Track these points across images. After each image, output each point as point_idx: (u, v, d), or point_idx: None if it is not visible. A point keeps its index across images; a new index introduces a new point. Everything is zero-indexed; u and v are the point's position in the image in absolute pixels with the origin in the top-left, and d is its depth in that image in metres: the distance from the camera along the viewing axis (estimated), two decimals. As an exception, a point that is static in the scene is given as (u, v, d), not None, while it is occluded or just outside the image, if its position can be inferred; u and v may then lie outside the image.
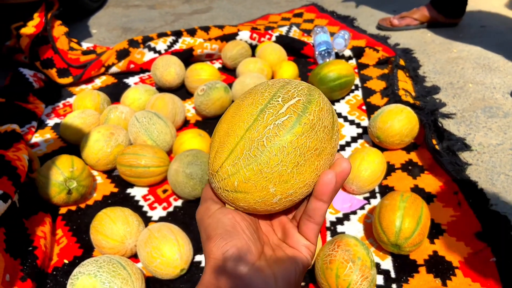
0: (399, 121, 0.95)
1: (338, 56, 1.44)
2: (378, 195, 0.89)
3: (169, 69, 1.26)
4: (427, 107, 1.10)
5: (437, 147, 0.98)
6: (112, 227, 0.75)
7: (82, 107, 1.13)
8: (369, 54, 1.41)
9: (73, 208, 0.91)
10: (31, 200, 0.85)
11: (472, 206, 0.83)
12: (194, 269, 0.76)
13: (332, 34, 1.55)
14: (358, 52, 1.43)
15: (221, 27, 1.62)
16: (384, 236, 0.72)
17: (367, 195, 0.90)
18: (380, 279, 0.72)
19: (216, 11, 2.03)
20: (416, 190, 0.89)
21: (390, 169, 0.95)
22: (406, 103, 1.10)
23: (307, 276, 0.73)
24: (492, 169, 0.93)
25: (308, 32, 1.67)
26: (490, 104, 1.17)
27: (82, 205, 0.92)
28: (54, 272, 0.78)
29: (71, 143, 1.08)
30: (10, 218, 0.74)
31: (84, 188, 0.90)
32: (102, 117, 1.07)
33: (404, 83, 1.25)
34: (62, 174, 0.86)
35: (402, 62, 1.34)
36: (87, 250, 0.82)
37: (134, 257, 0.79)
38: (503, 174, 0.92)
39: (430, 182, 0.91)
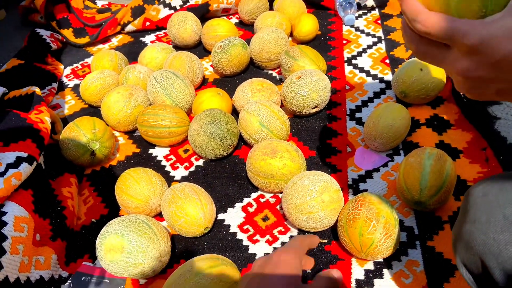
0: (426, 74, 0.91)
1: (360, 7, 1.37)
2: (402, 152, 0.87)
3: (185, 26, 1.23)
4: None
5: (465, 100, 0.94)
6: (136, 187, 0.76)
7: (100, 67, 1.13)
8: (393, 3, 1.34)
9: (97, 168, 0.93)
10: (56, 161, 0.86)
11: (502, 162, 0.80)
12: (218, 227, 0.77)
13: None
14: (381, 2, 1.36)
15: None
16: (408, 193, 0.71)
17: (390, 152, 0.88)
18: (403, 236, 0.71)
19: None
20: (442, 146, 0.87)
21: (415, 125, 0.92)
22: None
23: (330, 234, 0.74)
24: (522, 123, 0.90)
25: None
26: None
27: (106, 165, 0.94)
28: (83, 231, 0.80)
29: (91, 104, 1.08)
30: (36, 180, 0.76)
31: (107, 149, 0.91)
32: (120, 78, 1.06)
33: (431, 34, 1.19)
34: (85, 135, 0.87)
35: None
36: (113, 209, 0.84)
37: (159, 215, 0.80)
38: (534, 128, 0.88)
39: (456, 138, 0.88)
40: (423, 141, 0.88)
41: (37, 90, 0.96)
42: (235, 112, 1.01)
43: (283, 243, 0.73)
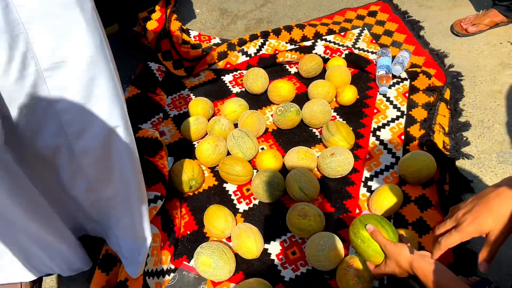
0: (421, 168, 1.31)
1: (395, 77, 1.72)
2: (392, 220, 1.30)
3: (257, 82, 1.65)
4: (451, 152, 1.42)
5: (446, 187, 1.34)
6: (217, 221, 1.25)
7: (196, 112, 1.59)
8: (421, 79, 1.68)
9: (190, 193, 1.43)
10: (168, 190, 1.36)
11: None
12: (264, 254, 1.26)
13: (394, 56, 1.80)
14: (412, 76, 1.70)
15: (302, 27, 1.91)
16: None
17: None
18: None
19: (300, -6, 2.27)
20: (420, 221, 1.28)
21: (406, 200, 1.34)
22: (433, 146, 1.42)
23: (333, 273, 1.21)
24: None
25: (376, 37, 1.92)
26: (506, 149, 1.45)
27: (196, 192, 1.43)
28: (182, 239, 1.31)
29: (189, 140, 1.56)
30: (162, 208, 1.26)
31: (199, 184, 1.40)
32: (209, 126, 1.52)
33: (442, 117, 1.55)
34: (187, 175, 1.36)
35: (447, 95, 1.61)
36: (200, 226, 1.33)
37: (229, 238, 1.29)
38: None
39: (434, 218, 1.29)
40: (408, 215, 1.30)
41: (158, 136, 1.44)
42: (284, 167, 1.45)
43: (302, 273, 1.21)
